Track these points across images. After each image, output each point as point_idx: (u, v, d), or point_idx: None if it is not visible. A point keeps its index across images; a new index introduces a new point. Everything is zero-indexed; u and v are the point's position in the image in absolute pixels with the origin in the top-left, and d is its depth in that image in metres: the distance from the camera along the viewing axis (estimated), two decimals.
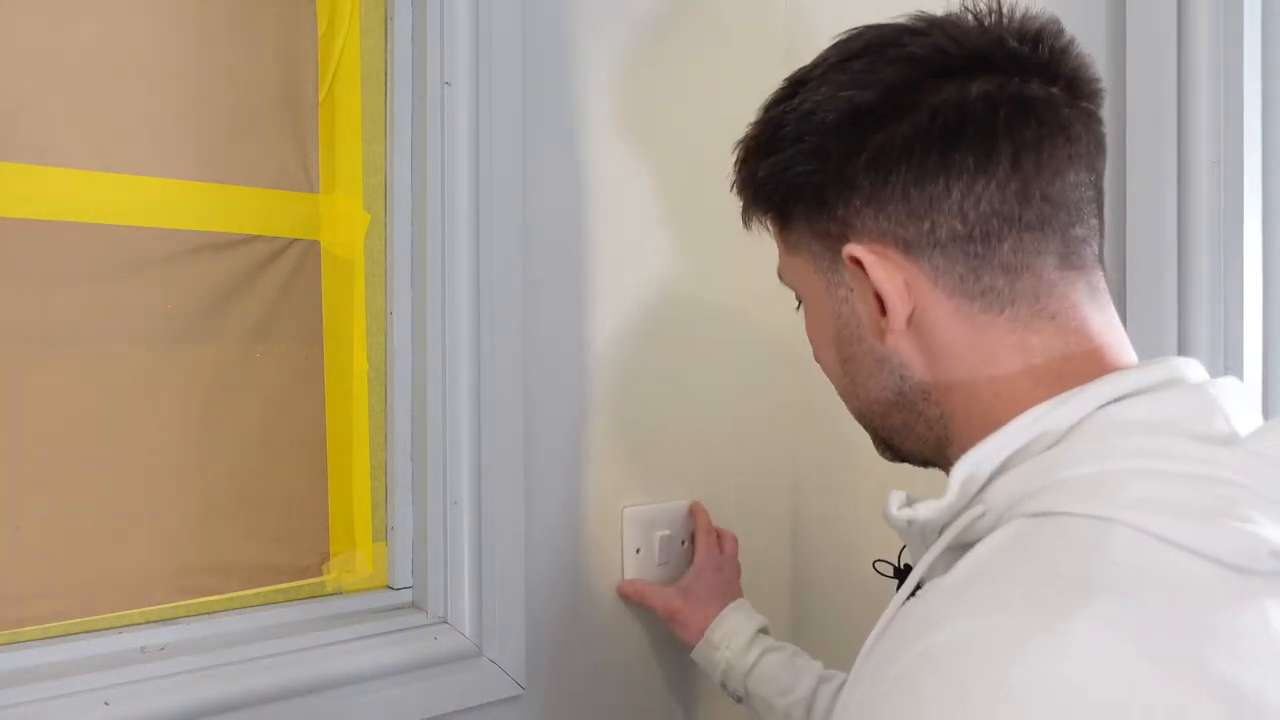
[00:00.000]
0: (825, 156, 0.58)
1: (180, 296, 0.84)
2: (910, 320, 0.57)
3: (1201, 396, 0.51)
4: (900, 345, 0.58)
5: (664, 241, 1.09)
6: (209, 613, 0.86)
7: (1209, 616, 0.42)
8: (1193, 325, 0.84)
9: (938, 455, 0.61)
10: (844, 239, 0.58)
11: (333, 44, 0.91)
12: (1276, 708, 0.39)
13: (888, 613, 0.52)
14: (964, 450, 0.54)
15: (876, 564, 0.76)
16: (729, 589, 1.05)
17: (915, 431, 0.61)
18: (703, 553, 1.06)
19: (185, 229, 0.84)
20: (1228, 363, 0.82)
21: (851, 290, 0.60)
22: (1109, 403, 0.51)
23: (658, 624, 1.07)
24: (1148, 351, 0.84)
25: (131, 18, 0.81)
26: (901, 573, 0.70)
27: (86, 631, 0.80)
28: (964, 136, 0.54)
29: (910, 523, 0.56)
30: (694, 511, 1.10)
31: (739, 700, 0.97)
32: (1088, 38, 0.92)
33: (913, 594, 0.53)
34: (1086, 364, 0.56)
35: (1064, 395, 0.52)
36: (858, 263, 0.57)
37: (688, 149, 1.11)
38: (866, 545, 1.14)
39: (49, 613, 0.79)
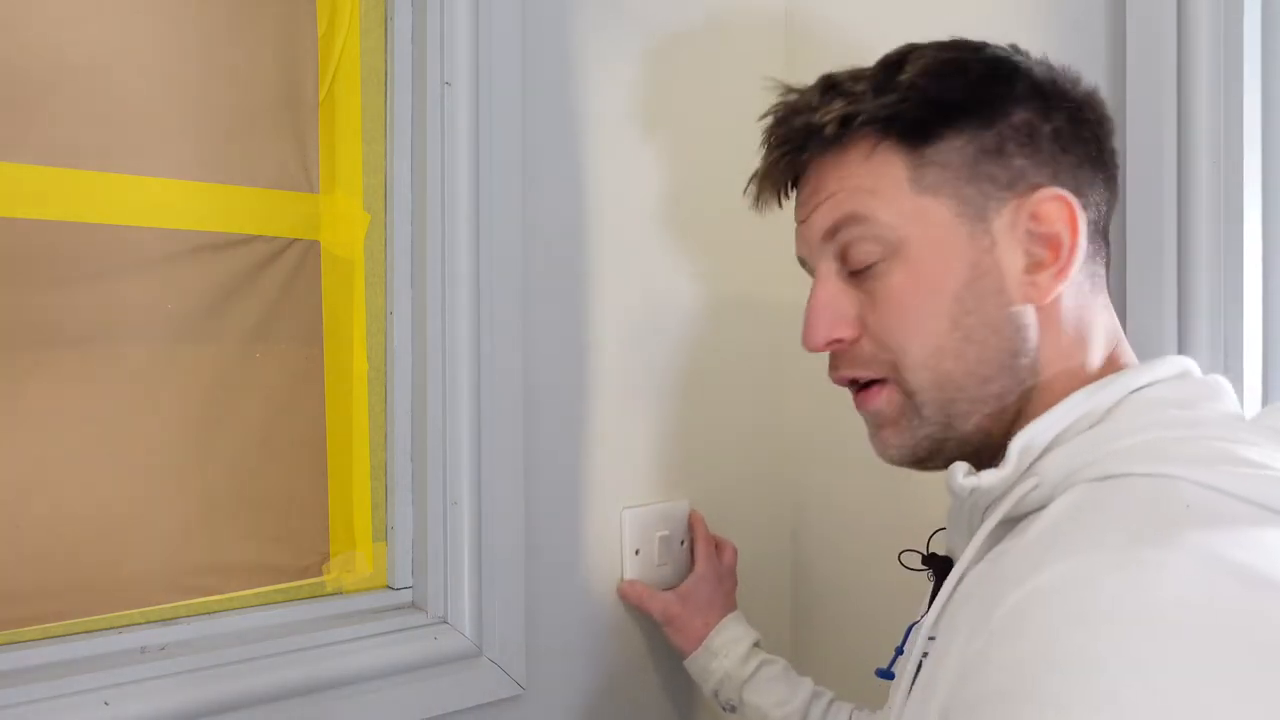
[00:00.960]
0: (1007, 108, 0.62)
1: (180, 296, 0.84)
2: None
3: (1211, 385, 0.60)
4: (1045, 300, 0.61)
5: (665, 242, 1.09)
6: (209, 613, 0.86)
7: (1268, 542, 0.47)
8: (1193, 325, 0.84)
9: (998, 432, 0.62)
10: (1016, 188, 0.61)
11: (333, 44, 0.91)
12: None
13: (947, 585, 0.56)
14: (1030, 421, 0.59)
15: (902, 556, 0.73)
16: (727, 599, 1.05)
17: (1004, 403, 0.61)
18: (703, 561, 1.06)
19: (185, 229, 0.84)
20: (1228, 362, 0.82)
21: (995, 242, 0.61)
22: (1139, 389, 0.58)
23: (658, 624, 1.07)
24: (1148, 351, 0.85)
25: (132, 18, 0.81)
26: (933, 560, 0.69)
27: (86, 631, 0.80)
28: (1109, 158, 0.65)
29: (974, 490, 0.58)
30: (692, 521, 1.10)
31: (731, 709, 0.98)
32: (1088, 38, 0.92)
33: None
34: (1121, 353, 0.64)
35: (1103, 380, 0.59)
36: (1066, 203, 0.60)
37: (688, 149, 1.11)
38: (866, 546, 1.14)
39: (49, 613, 0.79)
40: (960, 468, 0.59)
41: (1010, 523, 0.56)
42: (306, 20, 0.90)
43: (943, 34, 0.67)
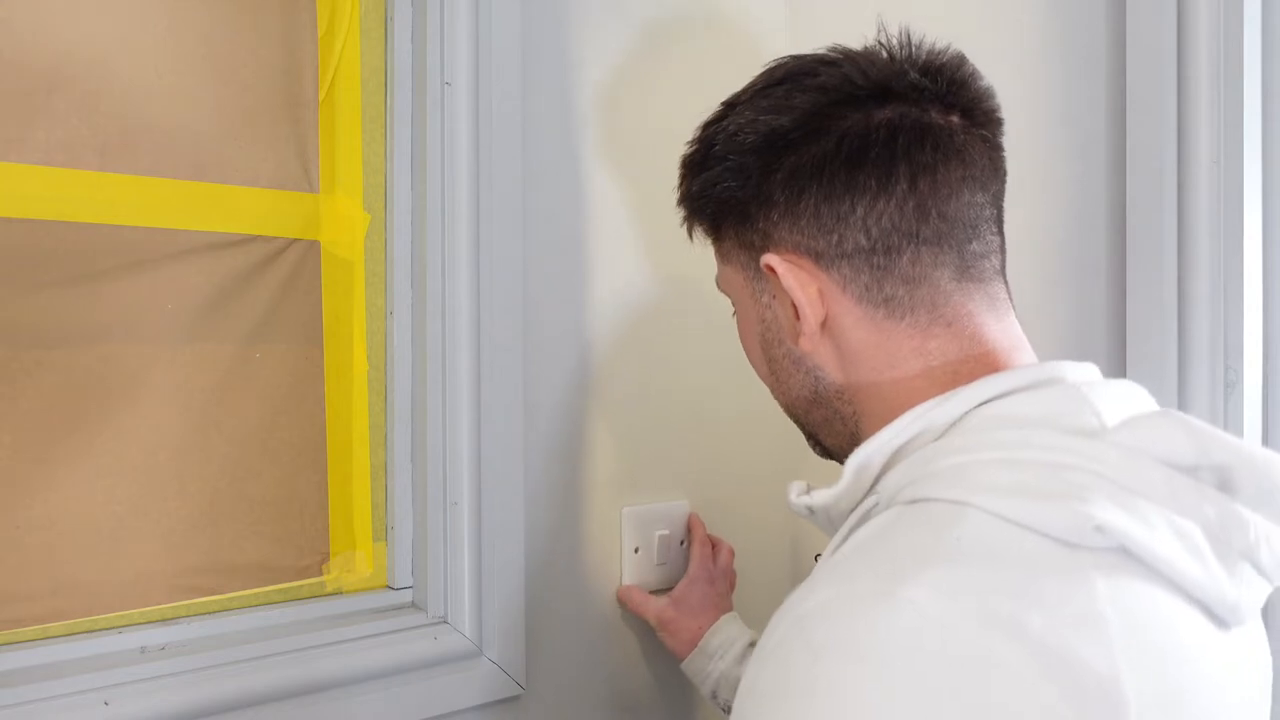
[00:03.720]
0: (747, 174, 0.64)
1: (180, 296, 0.84)
2: (824, 325, 0.63)
3: (1073, 394, 0.55)
4: (815, 348, 0.63)
5: (664, 241, 1.09)
6: (209, 613, 0.86)
7: (1038, 585, 0.47)
8: (1193, 325, 0.84)
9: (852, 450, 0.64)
10: (764, 249, 0.64)
11: (333, 44, 0.91)
12: (1089, 668, 0.44)
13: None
14: None
15: (817, 556, 0.77)
16: (721, 601, 1.05)
17: (833, 428, 0.67)
18: (696, 563, 1.06)
19: (185, 229, 0.84)
20: (1228, 362, 0.82)
21: (773, 297, 0.66)
22: (987, 401, 0.56)
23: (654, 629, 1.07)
24: (1147, 350, 0.84)
25: (132, 18, 0.81)
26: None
27: (86, 631, 0.80)
28: (867, 160, 0.60)
29: (810, 509, 0.62)
30: (690, 524, 1.10)
31: (729, 710, 0.97)
32: (1088, 38, 0.92)
33: None
34: (979, 366, 0.60)
35: (947, 394, 0.57)
36: (773, 270, 0.63)
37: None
38: None
39: (49, 613, 0.79)
40: (794, 487, 0.64)
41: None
42: (306, 20, 0.90)
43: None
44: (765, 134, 0.63)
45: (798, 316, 0.63)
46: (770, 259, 0.63)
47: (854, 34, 0.67)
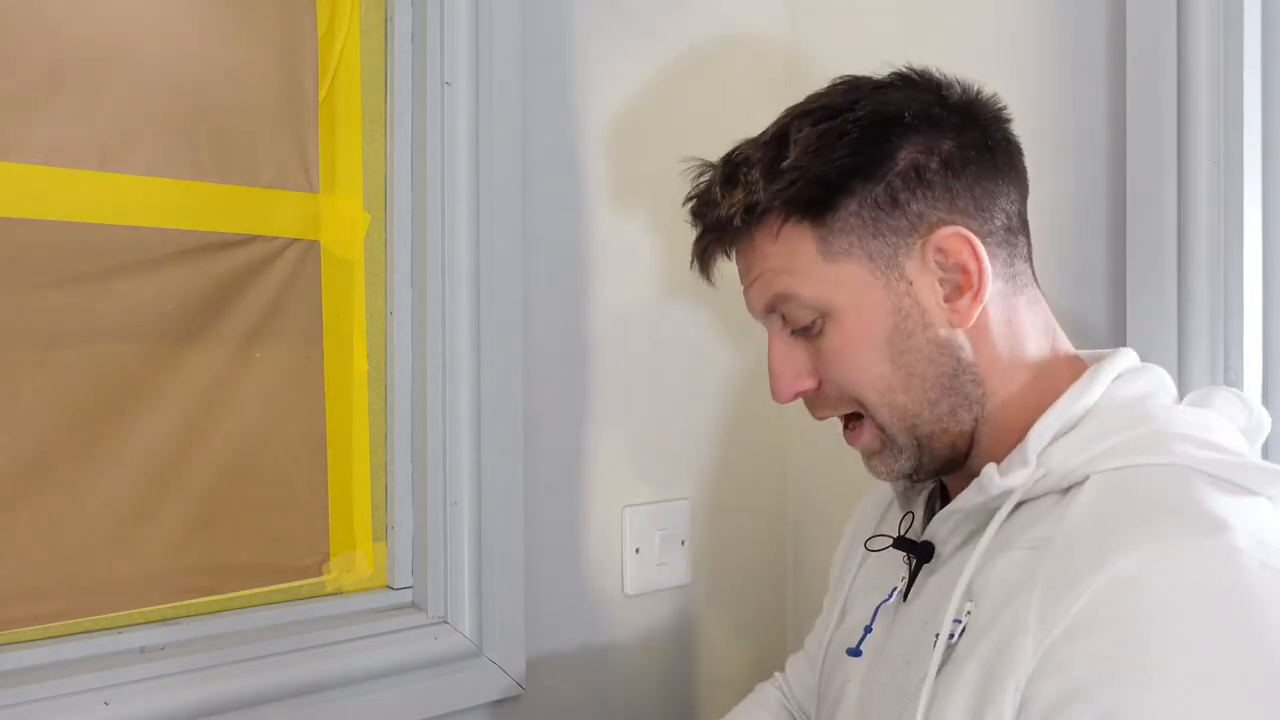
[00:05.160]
0: (891, 158, 0.65)
1: (180, 296, 0.84)
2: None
3: (1159, 374, 0.67)
4: (970, 323, 0.66)
5: (664, 241, 1.09)
6: (209, 613, 0.86)
7: (1268, 516, 0.58)
8: (1193, 325, 0.84)
9: (964, 445, 0.68)
10: (919, 230, 0.65)
11: (333, 44, 0.91)
12: None
13: (968, 570, 0.61)
14: (996, 425, 0.66)
15: (868, 543, 0.77)
16: None
17: (957, 416, 0.67)
18: None
19: (185, 229, 0.84)
20: (1228, 362, 0.82)
21: (912, 283, 0.66)
22: (1113, 381, 0.65)
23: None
24: (1147, 350, 0.85)
25: (132, 18, 0.81)
26: (908, 545, 0.71)
27: (86, 631, 0.80)
28: (1008, 152, 0.69)
29: (1009, 491, 0.63)
30: None
31: None
32: (1087, 37, 0.92)
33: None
34: (1061, 340, 0.70)
35: (1086, 377, 0.65)
36: (943, 250, 0.65)
37: (687, 149, 1.11)
38: None
39: (49, 613, 0.79)
40: (993, 471, 0.63)
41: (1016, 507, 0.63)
42: (306, 20, 0.90)
43: (945, 40, 0.67)
44: (922, 114, 0.66)
45: (961, 293, 0.65)
46: (944, 235, 0.64)
47: (855, 33, 0.67)
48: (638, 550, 1.06)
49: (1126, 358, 0.67)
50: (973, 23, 1.01)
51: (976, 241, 0.64)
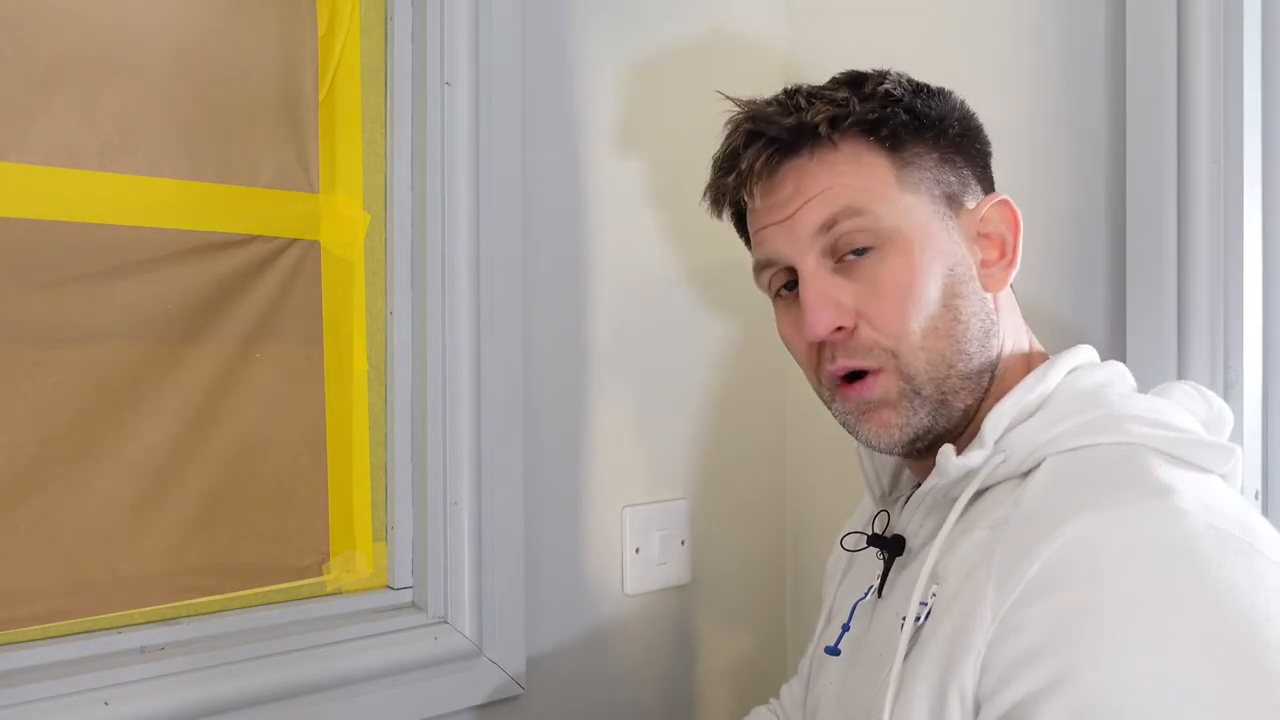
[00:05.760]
0: (946, 129, 0.70)
1: (180, 296, 0.84)
2: None
3: (1117, 368, 0.69)
4: (1001, 290, 0.70)
5: (664, 242, 1.09)
6: (209, 613, 0.86)
7: (1216, 488, 0.59)
8: (1193, 325, 0.84)
9: (975, 409, 0.69)
10: (966, 195, 0.70)
11: (333, 44, 0.91)
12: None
13: (932, 555, 0.62)
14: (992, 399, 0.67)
15: (843, 540, 0.78)
16: None
17: (982, 381, 0.68)
18: None
19: (186, 229, 0.84)
20: (1228, 362, 0.82)
21: (960, 239, 0.69)
22: (1069, 373, 0.67)
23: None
24: (1147, 350, 0.85)
25: (132, 18, 0.81)
26: (881, 541, 0.71)
27: (86, 631, 0.80)
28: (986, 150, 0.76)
29: (967, 471, 0.64)
30: None
31: None
32: (1087, 37, 0.92)
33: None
34: (1032, 335, 0.73)
35: (1046, 365, 0.67)
36: (1006, 205, 0.70)
37: (688, 149, 1.11)
38: None
39: (49, 613, 0.79)
40: (950, 451, 0.65)
41: (976, 494, 0.64)
42: (306, 20, 0.90)
43: (945, 40, 0.67)
44: (952, 99, 0.72)
45: (996, 260, 0.69)
46: (992, 200, 0.70)
47: (855, 34, 0.67)
48: (638, 550, 1.06)
49: (1084, 353, 0.69)
50: (973, 23, 1.01)
51: (1018, 212, 0.69)
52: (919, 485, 0.72)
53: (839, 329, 0.68)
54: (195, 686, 0.79)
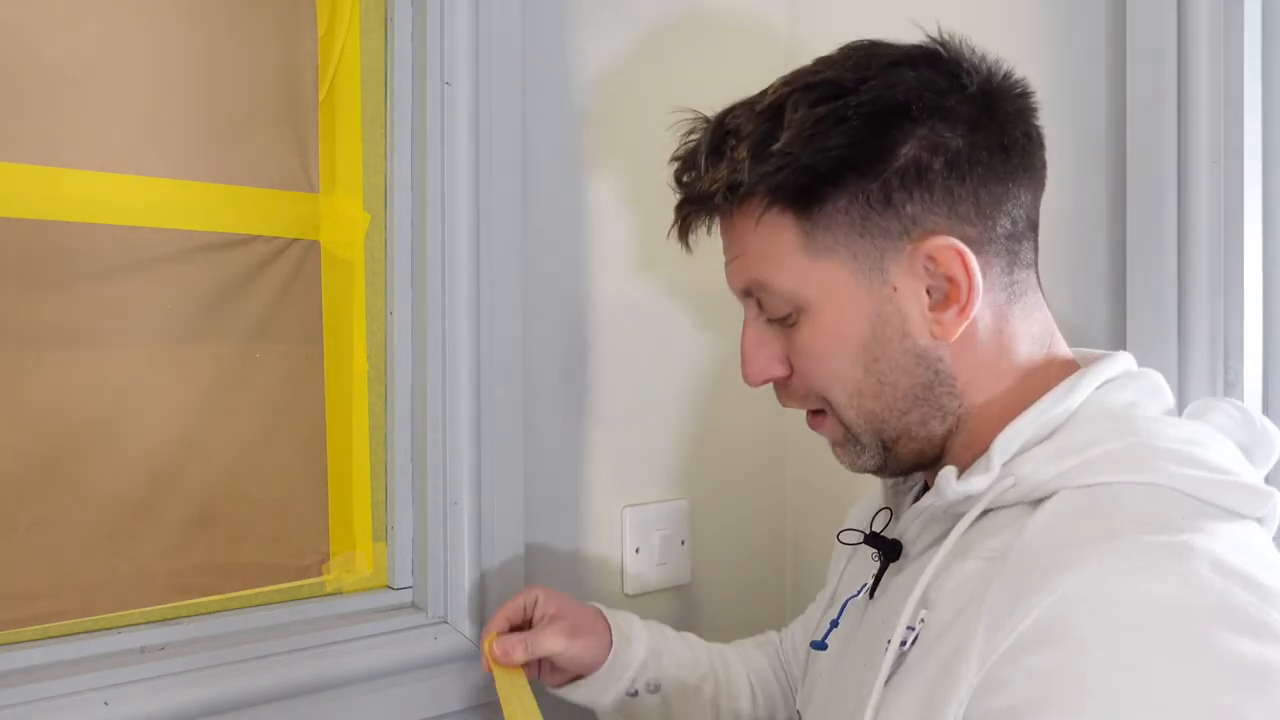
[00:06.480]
0: (891, 153, 0.60)
1: (180, 296, 0.84)
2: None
3: (1152, 381, 0.64)
4: (953, 337, 0.62)
5: (664, 242, 1.09)
6: (209, 613, 0.86)
7: (1251, 542, 0.54)
8: (1193, 325, 0.84)
9: (933, 451, 0.65)
10: (911, 235, 0.61)
11: (333, 44, 0.91)
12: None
13: (925, 577, 0.58)
14: (970, 432, 0.63)
15: (841, 535, 0.75)
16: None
17: (928, 427, 0.64)
18: (547, 602, 0.86)
19: (185, 229, 0.84)
20: (1228, 362, 0.82)
21: (896, 288, 0.62)
22: (1098, 387, 0.61)
23: (559, 653, 1.02)
24: (1147, 350, 0.84)
25: (132, 18, 0.81)
26: (879, 542, 0.69)
27: (86, 631, 0.80)
28: (1025, 150, 0.63)
29: (966, 497, 0.60)
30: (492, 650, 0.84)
31: (655, 690, 0.86)
32: (1087, 38, 0.92)
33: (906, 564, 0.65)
34: (1057, 345, 0.66)
35: (1067, 384, 0.61)
36: (935, 259, 0.60)
37: None
38: None
39: (49, 613, 0.79)
40: (950, 474, 0.61)
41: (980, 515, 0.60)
42: (306, 20, 0.90)
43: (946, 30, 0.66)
44: (931, 106, 0.60)
45: (948, 305, 0.61)
46: (937, 245, 0.60)
47: (855, 27, 0.66)
48: (638, 550, 1.06)
49: (1118, 362, 0.63)
50: (972, 21, 1.00)
51: (970, 257, 0.60)
52: (926, 487, 0.71)
53: (773, 377, 0.68)
54: (195, 686, 0.79)
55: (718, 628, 1.14)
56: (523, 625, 0.86)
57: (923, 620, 0.57)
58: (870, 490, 0.83)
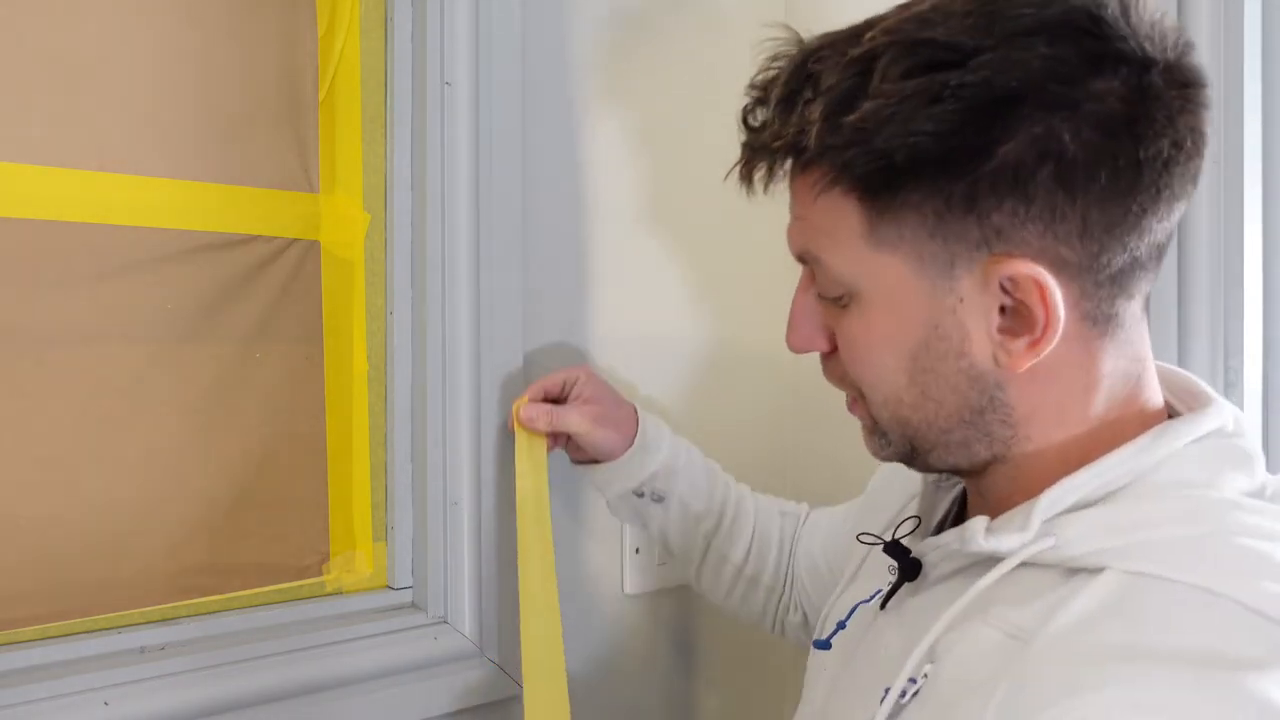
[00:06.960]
0: (988, 151, 0.49)
1: (180, 296, 0.84)
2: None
3: (1243, 448, 0.54)
4: (1018, 370, 0.53)
5: (666, 241, 1.09)
6: (209, 613, 0.86)
7: None
8: (1193, 325, 0.84)
9: (971, 468, 0.59)
10: (991, 247, 0.51)
11: (333, 44, 0.91)
12: None
13: (938, 625, 0.53)
14: (1020, 473, 0.56)
15: (861, 536, 0.70)
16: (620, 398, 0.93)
17: (970, 449, 0.57)
18: (581, 376, 0.90)
19: (185, 229, 0.84)
20: (1228, 361, 0.83)
21: (962, 300, 0.53)
22: (1180, 449, 0.53)
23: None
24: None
25: (131, 17, 0.81)
26: (898, 553, 0.64)
27: (86, 631, 0.80)
28: (1168, 167, 0.51)
29: (992, 553, 0.54)
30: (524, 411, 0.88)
31: (659, 500, 0.90)
32: None
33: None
34: (1148, 388, 0.56)
35: (1145, 440, 0.53)
36: (1015, 282, 0.51)
37: (688, 149, 1.11)
38: None
39: (49, 613, 0.79)
40: (980, 526, 0.54)
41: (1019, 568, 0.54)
42: (306, 20, 0.90)
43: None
44: (1006, 95, 0.48)
45: (1018, 335, 0.52)
46: (1018, 269, 0.50)
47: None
48: (638, 550, 1.06)
49: (1211, 417, 0.54)
50: None
51: (1053, 292, 0.50)
52: (963, 502, 0.65)
53: (816, 349, 0.62)
54: (195, 686, 0.79)
55: (717, 628, 1.14)
56: (559, 400, 0.90)
57: (926, 675, 0.52)
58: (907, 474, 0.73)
